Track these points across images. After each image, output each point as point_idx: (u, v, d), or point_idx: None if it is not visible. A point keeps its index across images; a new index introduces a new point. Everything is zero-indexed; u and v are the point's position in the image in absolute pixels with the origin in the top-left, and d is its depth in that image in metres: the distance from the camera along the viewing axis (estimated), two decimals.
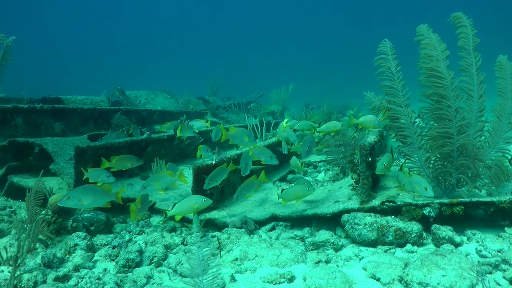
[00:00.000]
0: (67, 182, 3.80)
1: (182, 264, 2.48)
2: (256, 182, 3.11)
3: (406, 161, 3.29)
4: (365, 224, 2.61)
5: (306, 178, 4.91)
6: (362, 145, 2.77)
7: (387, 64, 3.38)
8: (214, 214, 3.24)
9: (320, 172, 5.04)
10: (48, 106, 5.07)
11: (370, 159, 2.79)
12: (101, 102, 8.59)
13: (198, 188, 3.23)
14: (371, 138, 3.00)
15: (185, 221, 3.21)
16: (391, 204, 2.72)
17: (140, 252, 2.55)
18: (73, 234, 2.77)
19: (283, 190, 3.03)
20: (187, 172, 4.72)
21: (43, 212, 3.04)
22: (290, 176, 4.76)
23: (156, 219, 3.41)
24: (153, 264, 2.55)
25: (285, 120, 5.92)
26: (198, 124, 5.65)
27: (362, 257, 2.50)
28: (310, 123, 4.15)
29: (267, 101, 12.58)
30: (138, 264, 2.52)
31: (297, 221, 3.14)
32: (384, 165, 2.81)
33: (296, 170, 4.52)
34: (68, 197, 2.55)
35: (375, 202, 2.78)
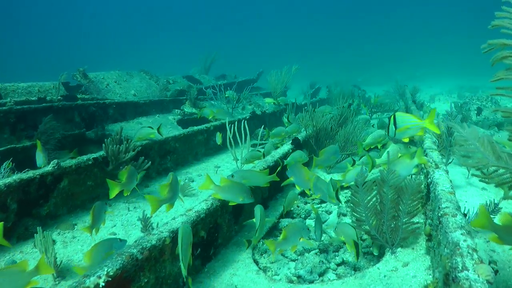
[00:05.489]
0: None
1: None
2: None
3: None
4: None
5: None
6: None
7: None
8: None
9: (330, 213, 3.45)
10: None
11: None
12: (53, 89, 6.98)
13: None
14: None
15: None
16: None
17: None
18: None
19: None
20: (131, 215, 3.24)
21: None
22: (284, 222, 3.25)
23: None
24: None
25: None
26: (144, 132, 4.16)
27: None
28: None
29: (265, 84, 10.78)
30: None
31: None
32: None
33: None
34: None
35: None
